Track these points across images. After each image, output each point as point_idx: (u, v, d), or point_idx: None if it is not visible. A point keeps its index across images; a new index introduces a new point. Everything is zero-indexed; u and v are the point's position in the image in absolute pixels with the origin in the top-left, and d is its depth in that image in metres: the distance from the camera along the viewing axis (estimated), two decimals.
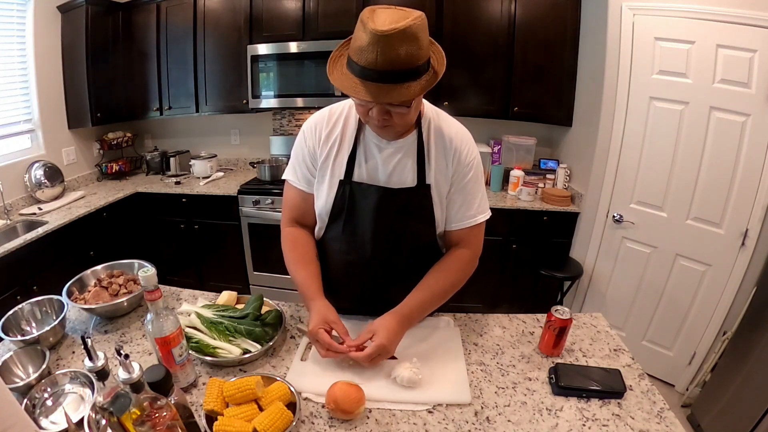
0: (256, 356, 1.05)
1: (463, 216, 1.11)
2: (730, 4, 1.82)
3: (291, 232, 1.19)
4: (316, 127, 1.11)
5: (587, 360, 1.08)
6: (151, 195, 2.98)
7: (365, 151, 1.08)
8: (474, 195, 1.10)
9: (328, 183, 1.10)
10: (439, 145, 1.07)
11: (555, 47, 2.57)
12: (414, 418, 0.90)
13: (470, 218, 1.11)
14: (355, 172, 1.08)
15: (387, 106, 0.90)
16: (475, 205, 1.11)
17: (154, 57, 3.05)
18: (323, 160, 1.10)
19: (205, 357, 1.03)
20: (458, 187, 1.09)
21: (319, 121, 1.11)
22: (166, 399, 0.70)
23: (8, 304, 1.21)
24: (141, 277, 0.84)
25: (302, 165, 1.14)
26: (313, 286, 1.10)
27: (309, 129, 1.12)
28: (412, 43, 0.82)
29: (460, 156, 1.07)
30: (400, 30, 0.80)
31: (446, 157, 1.07)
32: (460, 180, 1.08)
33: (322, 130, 1.09)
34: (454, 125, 1.10)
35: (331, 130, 1.09)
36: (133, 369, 0.66)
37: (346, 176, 1.08)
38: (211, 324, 1.10)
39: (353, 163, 1.08)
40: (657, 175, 2.16)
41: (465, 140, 1.09)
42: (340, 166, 1.08)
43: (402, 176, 1.07)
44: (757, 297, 1.87)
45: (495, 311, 1.29)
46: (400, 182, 1.07)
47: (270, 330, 1.10)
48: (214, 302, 1.23)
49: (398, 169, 1.07)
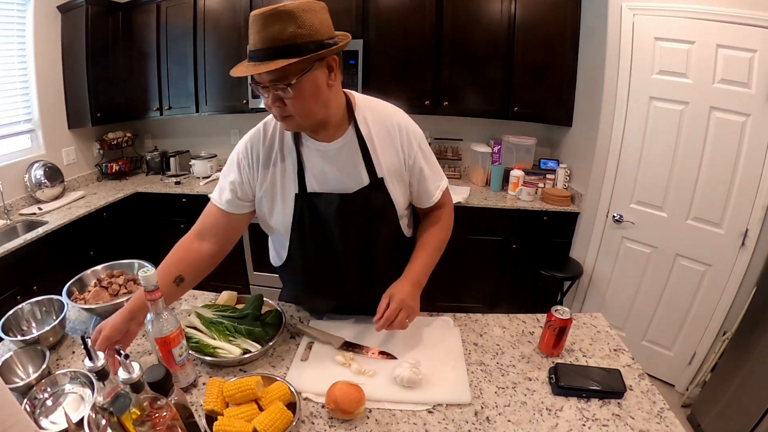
0: (256, 356, 1.05)
1: (432, 192, 1.15)
2: (730, 4, 1.82)
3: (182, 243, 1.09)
4: (252, 147, 1.05)
5: (587, 360, 1.08)
6: (151, 195, 2.98)
7: (310, 162, 1.04)
8: (432, 168, 1.14)
9: (281, 200, 1.07)
10: (381, 133, 1.06)
11: (555, 47, 2.57)
12: (414, 418, 0.90)
13: (437, 190, 1.16)
14: (307, 184, 1.05)
15: (277, 92, 0.89)
16: (436, 177, 1.15)
17: (154, 57, 3.04)
18: (270, 181, 1.05)
19: (204, 357, 1.03)
20: (416, 169, 1.11)
21: (254, 140, 1.06)
22: (166, 399, 0.70)
23: (8, 304, 1.21)
24: (141, 277, 0.84)
25: (227, 189, 1.07)
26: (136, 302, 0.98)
27: (243, 150, 1.06)
28: (288, 23, 0.82)
29: (408, 137, 1.08)
30: (275, 10, 0.82)
31: (393, 144, 1.07)
32: (415, 162, 1.10)
33: (259, 150, 1.05)
34: (388, 107, 1.10)
35: (269, 145, 1.05)
36: (133, 369, 0.66)
37: (300, 189, 1.05)
38: (211, 324, 1.10)
39: (303, 174, 1.04)
40: (657, 175, 2.16)
41: (403, 120, 1.09)
42: (290, 181, 1.05)
43: (354, 175, 1.05)
44: (757, 297, 1.87)
45: (495, 311, 1.29)
46: (355, 182, 1.05)
47: (270, 330, 1.10)
48: (214, 302, 1.23)
49: (347, 169, 1.04)
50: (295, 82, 0.86)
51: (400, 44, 2.64)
